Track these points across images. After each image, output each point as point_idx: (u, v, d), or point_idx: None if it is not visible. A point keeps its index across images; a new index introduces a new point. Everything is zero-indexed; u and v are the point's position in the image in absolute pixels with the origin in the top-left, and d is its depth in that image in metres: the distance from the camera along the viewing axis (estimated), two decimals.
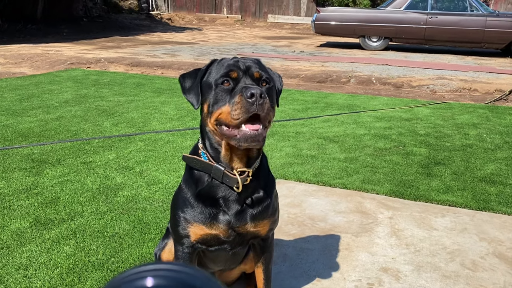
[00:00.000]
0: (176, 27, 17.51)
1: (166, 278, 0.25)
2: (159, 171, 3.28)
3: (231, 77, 1.40)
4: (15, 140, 3.88)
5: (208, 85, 1.45)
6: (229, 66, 1.43)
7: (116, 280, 0.27)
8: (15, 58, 8.66)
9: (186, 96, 1.52)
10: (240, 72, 1.41)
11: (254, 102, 1.30)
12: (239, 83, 1.39)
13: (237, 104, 1.32)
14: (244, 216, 1.52)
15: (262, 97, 1.31)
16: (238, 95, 1.33)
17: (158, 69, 7.91)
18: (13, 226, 2.45)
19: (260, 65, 1.50)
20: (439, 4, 11.05)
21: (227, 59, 1.50)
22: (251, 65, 1.45)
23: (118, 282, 0.26)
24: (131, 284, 0.25)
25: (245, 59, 1.49)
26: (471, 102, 6.03)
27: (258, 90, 1.31)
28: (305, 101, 5.76)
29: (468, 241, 2.39)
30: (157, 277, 0.25)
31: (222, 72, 1.42)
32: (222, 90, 1.39)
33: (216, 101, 1.40)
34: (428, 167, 3.48)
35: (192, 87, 1.50)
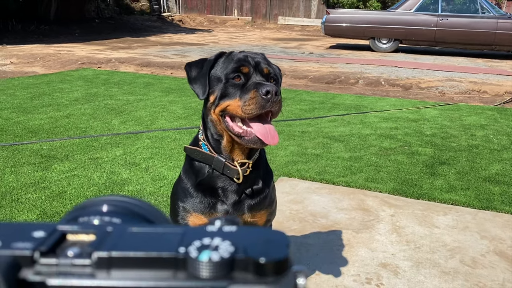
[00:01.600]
0: (186, 28, 17.64)
1: (116, 206, 0.29)
2: (164, 168, 3.32)
3: (242, 72, 1.43)
4: (25, 136, 3.96)
5: (217, 78, 1.46)
6: (240, 61, 1.44)
7: (78, 205, 0.31)
8: (28, 57, 8.81)
9: (192, 86, 1.53)
10: (251, 68, 1.44)
11: (269, 99, 1.34)
12: (250, 79, 1.42)
13: (252, 100, 1.35)
14: (242, 206, 1.55)
15: (277, 95, 1.35)
16: (253, 91, 1.36)
17: (167, 70, 7.99)
18: (21, 218, 2.51)
19: (266, 60, 1.53)
20: (450, 6, 10.99)
21: (235, 52, 1.52)
22: (260, 61, 1.48)
23: (79, 206, 0.30)
24: (92, 208, 0.29)
25: (253, 53, 1.52)
26: (480, 104, 5.99)
27: (273, 88, 1.35)
28: (312, 102, 5.77)
29: (469, 239, 2.39)
30: (110, 205, 0.29)
31: (233, 66, 1.43)
32: (232, 84, 1.42)
33: (225, 94, 1.42)
34: (433, 167, 3.48)
35: (199, 77, 1.51)
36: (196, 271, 0.23)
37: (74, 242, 0.25)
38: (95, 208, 0.30)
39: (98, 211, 0.29)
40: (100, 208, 0.29)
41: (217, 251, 0.23)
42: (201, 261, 0.23)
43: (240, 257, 0.23)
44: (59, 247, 0.25)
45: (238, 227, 0.26)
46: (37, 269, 0.23)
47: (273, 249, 0.24)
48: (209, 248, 0.24)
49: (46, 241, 0.24)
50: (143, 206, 0.31)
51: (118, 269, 0.23)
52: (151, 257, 0.23)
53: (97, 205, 0.30)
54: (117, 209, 0.29)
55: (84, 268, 0.23)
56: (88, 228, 0.26)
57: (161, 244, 0.24)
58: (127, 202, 0.30)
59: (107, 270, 0.23)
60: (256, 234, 0.26)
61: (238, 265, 0.23)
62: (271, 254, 0.24)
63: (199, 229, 0.26)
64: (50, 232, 0.25)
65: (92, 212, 0.29)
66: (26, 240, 0.24)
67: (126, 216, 0.29)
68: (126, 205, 0.30)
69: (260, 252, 0.24)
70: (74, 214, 0.30)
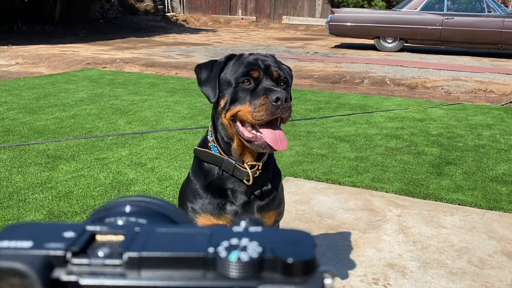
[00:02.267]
0: (191, 28, 17.66)
1: (141, 206, 0.30)
2: (170, 168, 3.33)
3: (252, 77, 1.43)
4: (31, 137, 3.98)
5: (227, 82, 1.46)
6: (250, 65, 1.44)
7: (102, 206, 0.31)
8: (33, 58, 8.85)
9: (202, 88, 1.53)
10: (261, 72, 1.44)
11: (279, 106, 1.34)
12: (260, 84, 1.42)
13: (261, 106, 1.35)
14: (251, 207, 1.55)
15: (287, 101, 1.35)
16: (263, 97, 1.36)
17: (172, 70, 8.00)
18: (28, 218, 2.52)
19: (277, 62, 1.53)
20: (456, 5, 10.94)
21: (245, 55, 1.51)
22: (270, 64, 1.47)
23: (104, 207, 0.31)
24: (117, 209, 0.29)
25: (262, 56, 1.52)
26: (486, 104, 5.97)
27: (284, 94, 1.35)
28: (317, 101, 5.77)
29: (476, 239, 2.38)
30: (134, 205, 0.30)
31: (242, 70, 1.43)
32: (242, 89, 1.42)
33: (235, 99, 1.42)
34: (439, 167, 3.47)
35: (209, 80, 1.51)
36: (226, 271, 0.23)
37: (103, 243, 0.26)
38: (120, 208, 0.30)
39: (123, 212, 0.29)
40: (124, 209, 0.30)
41: (245, 251, 0.24)
42: (231, 261, 0.23)
43: (268, 257, 0.24)
44: (89, 247, 0.25)
45: (263, 228, 0.26)
46: (69, 269, 0.24)
47: (300, 249, 0.24)
48: (237, 248, 0.24)
49: (77, 242, 0.25)
50: (166, 206, 0.31)
51: (148, 269, 0.24)
52: (181, 257, 0.24)
53: (121, 205, 0.30)
54: (142, 210, 0.30)
55: (115, 268, 0.24)
56: (116, 229, 0.26)
57: (190, 244, 0.25)
58: (151, 202, 0.31)
59: (137, 270, 0.24)
60: (282, 234, 0.26)
61: (266, 265, 0.23)
62: (298, 254, 0.24)
63: (225, 229, 0.26)
64: (79, 232, 0.26)
65: (118, 212, 0.29)
66: (58, 240, 0.24)
67: (151, 216, 0.29)
68: (150, 206, 0.30)
69: (288, 252, 0.24)
70: (99, 214, 0.30)
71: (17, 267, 0.21)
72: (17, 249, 0.23)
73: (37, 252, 0.23)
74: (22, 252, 0.23)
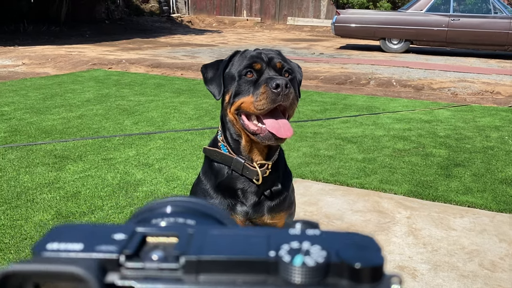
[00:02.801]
0: (196, 29, 17.68)
1: (180, 206, 0.29)
2: (177, 168, 3.32)
3: (255, 69, 1.42)
4: (38, 137, 3.99)
5: (231, 76, 1.46)
6: (252, 58, 1.44)
7: (143, 207, 0.30)
8: (40, 58, 8.88)
9: (208, 87, 1.54)
10: (263, 64, 1.43)
11: (280, 92, 1.32)
12: (263, 75, 1.42)
13: (262, 95, 1.34)
14: (262, 207, 1.54)
15: (288, 87, 1.33)
16: (263, 86, 1.35)
17: (178, 71, 8.00)
18: (36, 218, 2.52)
19: (282, 56, 1.52)
20: (462, 6, 10.89)
21: (249, 50, 1.52)
22: (273, 56, 1.47)
23: (144, 209, 0.29)
24: (154, 211, 0.28)
25: (266, 50, 1.51)
26: (493, 105, 5.93)
27: (284, 80, 1.33)
28: (323, 103, 5.75)
29: (487, 242, 2.36)
30: (173, 205, 0.29)
31: (245, 63, 1.43)
32: (245, 81, 1.42)
33: (238, 91, 1.42)
34: (448, 169, 3.44)
35: (214, 78, 1.52)
36: (289, 276, 0.22)
37: (155, 245, 0.24)
38: (163, 209, 0.29)
39: (169, 213, 0.28)
40: (169, 210, 0.28)
41: (309, 256, 0.22)
42: (295, 266, 0.22)
43: (335, 262, 0.22)
44: (141, 250, 0.24)
45: (321, 231, 0.25)
46: (123, 273, 0.22)
47: (367, 254, 0.23)
48: (300, 252, 0.23)
49: (129, 244, 0.23)
50: (210, 206, 0.30)
51: (207, 273, 0.22)
52: (241, 261, 0.22)
53: (164, 206, 0.29)
54: (187, 210, 0.28)
55: (172, 273, 0.22)
56: (168, 230, 0.25)
57: (248, 247, 0.23)
58: (194, 202, 0.29)
59: (195, 274, 0.22)
60: (343, 238, 0.24)
61: (332, 270, 0.22)
62: (366, 259, 0.22)
63: (281, 232, 0.25)
64: (130, 234, 0.24)
65: (163, 213, 0.28)
66: (109, 243, 0.23)
67: (197, 217, 0.28)
68: (194, 206, 0.29)
69: (355, 257, 0.23)
70: (143, 216, 0.29)
71: (75, 272, 0.20)
72: (68, 252, 0.22)
73: (88, 255, 0.22)
74: (74, 255, 0.22)
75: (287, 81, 1.34)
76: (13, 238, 2.31)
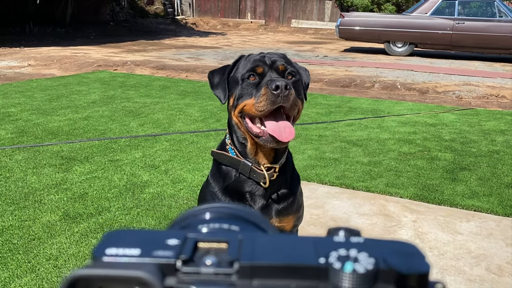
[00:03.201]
0: (200, 31, 17.73)
1: (221, 212, 0.29)
2: (183, 170, 3.34)
3: (257, 72, 1.44)
4: (45, 138, 4.01)
5: (235, 80, 1.49)
6: (255, 62, 1.46)
7: (184, 214, 0.31)
8: (45, 60, 8.92)
9: (214, 91, 1.57)
10: (266, 67, 1.45)
11: (279, 94, 1.33)
12: (265, 77, 1.43)
13: (263, 96, 1.35)
14: (270, 211, 1.55)
15: (287, 88, 1.34)
16: (264, 88, 1.37)
17: (182, 73, 8.03)
18: (44, 219, 2.53)
19: (286, 59, 1.53)
20: (466, 10, 10.88)
21: (254, 54, 1.53)
22: (276, 59, 1.48)
23: (186, 215, 0.30)
24: (196, 217, 0.29)
25: (271, 53, 1.53)
26: (498, 109, 5.92)
27: (283, 82, 1.34)
28: (328, 105, 5.76)
29: (494, 246, 2.36)
30: (214, 212, 0.29)
31: (248, 67, 1.45)
32: (248, 84, 1.43)
33: (241, 94, 1.44)
34: (453, 172, 3.44)
35: (220, 83, 1.55)
36: (339, 282, 0.23)
37: (207, 250, 0.25)
38: (204, 216, 0.30)
39: (212, 218, 0.29)
40: (211, 216, 0.29)
41: (358, 263, 0.23)
42: (346, 273, 0.23)
43: (383, 269, 0.23)
44: (195, 255, 0.25)
45: (364, 238, 0.26)
46: (180, 277, 0.23)
47: (413, 261, 0.24)
48: (349, 259, 0.23)
49: (184, 249, 0.24)
50: (249, 211, 0.31)
51: (260, 279, 0.23)
52: (293, 267, 0.23)
53: (204, 213, 0.30)
54: (228, 216, 0.29)
55: (226, 277, 0.23)
56: (218, 236, 0.26)
57: (298, 254, 0.24)
58: (234, 208, 0.30)
59: (249, 279, 0.23)
60: (388, 245, 0.25)
61: (380, 277, 0.23)
62: (413, 266, 0.23)
63: (326, 239, 0.26)
64: (182, 240, 0.25)
65: (206, 220, 0.29)
66: (164, 248, 0.24)
67: (240, 223, 0.29)
68: (235, 212, 0.30)
69: (402, 264, 0.23)
70: (186, 222, 0.30)
71: (141, 276, 0.21)
72: (127, 257, 0.23)
73: (146, 260, 0.23)
74: (135, 260, 0.23)
75: (287, 82, 1.35)
76: (21, 239, 2.32)
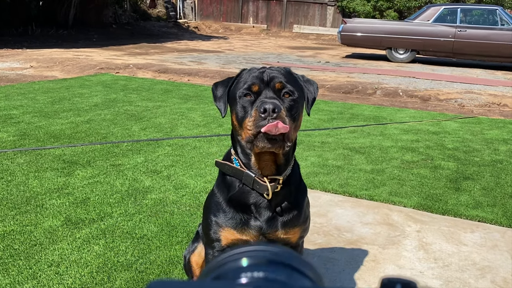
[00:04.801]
0: (202, 35, 17.75)
1: (257, 257, 0.27)
2: (186, 176, 3.32)
3: (252, 91, 1.44)
4: (47, 141, 3.99)
5: (233, 97, 1.49)
6: (252, 79, 1.46)
7: (214, 262, 0.29)
8: (47, 62, 8.92)
9: (216, 104, 1.59)
10: (262, 85, 1.44)
11: (266, 117, 1.32)
12: (260, 96, 1.43)
13: (251, 118, 1.36)
14: (275, 222, 1.53)
15: (275, 111, 1.32)
16: (254, 110, 1.37)
17: (185, 76, 8.02)
18: (46, 224, 2.52)
19: (287, 75, 1.50)
20: (468, 17, 10.91)
21: (254, 69, 1.52)
22: (275, 76, 1.46)
23: (216, 265, 0.28)
24: (228, 265, 0.27)
25: (272, 69, 1.51)
26: (501, 117, 5.91)
27: (271, 105, 1.33)
28: (330, 112, 5.75)
29: (499, 258, 2.34)
30: (250, 257, 0.27)
31: (245, 86, 1.45)
32: (245, 102, 1.44)
33: (240, 112, 1.44)
34: (457, 182, 3.43)
35: (222, 96, 1.56)
36: None
37: None
38: (240, 262, 0.28)
39: (251, 265, 0.27)
40: (252, 261, 0.27)
41: None
42: None
43: None
44: None
45: None
46: None
47: None
48: None
49: None
50: (291, 255, 0.29)
51: None
52: None
53: (239, 258, 0.28)
54: (268, 262, 0.27)
55: None
56: None
57: None
58: (275, 253, 0.28)
59: None
60: None
61: None
62: None
63: None
64: None
65: (244, 267, 0.27)
66: None
67: (290, 272, 0.27)
68: (275, 258, 0.28)
69: None
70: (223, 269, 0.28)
71: None
72: None
73: None
74: None
75: (276, 105, 1.33)
76: (23, 244, 2.30)
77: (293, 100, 1.45)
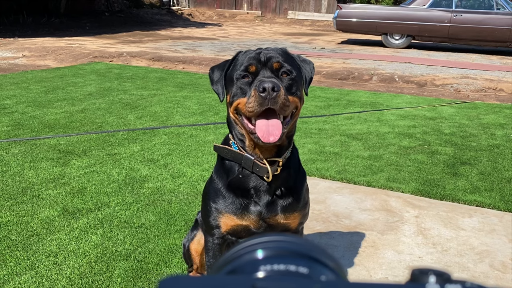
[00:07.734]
0: (196, 22, 17.58)
1: (273, 249, 0.26)
2: (183, 164, 3.30)
3: (250, 71, 1.43)
4: (41, 131, 3.95)
5: (230, 79, 1.48)
6: (249, 60, 1.45)
7: (227, 255, 0.27)
8: (40, 51, 8.80)
9: (214, 88, 1.57)
10: (259, 65, 1.43)
11: (266, 96, 1.31)
12: (258, 76, 1.41)
13: (251, 98, 1.35)
14: (275, 207, 1.52)
15: (275, 90, 1.31)
16: (253, 89, 1.36)
17: (179, 64, 7.96)
18: (42, 215, 2.50)
19: (284, 55, 1.49)
20: (464, 2, 10.85)
21: (250, 51, 1.51)
22: (272, 56, 1.45)
23: (229, 257, 0.27)
24: (243, 258, 0.25)
25: (268, 49, 1.49)
26: (496, 102, 5.91)
27: (270, 84, 1.32)
28: (327, 98, 5.72)
29: (497, 242, 2.35)
30: (266, 248, 0.26)
31: (242, 67, 1.44)
32: (242, 83, 1.43)
33: (236, 93, 1.43)
34: (454, 167, 3.43)
35: (219, 80, 1.55)
36: None
37: None
38: (255, 254, 0.26)
39: (273, 257, 0.25)
40: (270, 253, 0.26)
41: None
42: None
43: None
44: None
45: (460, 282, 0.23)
46: None
47: None
48: None
49: None
50: (313, 247, 0.27)
51: None
52: None
53: (254, 250, 0.26)
54: (289, 254, 0.26)
55: None
56: (293, 285, 0.22)
57: None
58: (294, 242, 0.27)
59: None
60: None
61: None
62: None
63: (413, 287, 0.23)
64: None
65: (266, 259, 0.25)
66: None
67: (307, 262, 0.25)
68: (295, 248, 0.26)
69: None
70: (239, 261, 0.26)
71: None
72: None
73: None
74: None
75: (275, 84, 1.32)
76: (20, 235, 2.28)
77: (292, 79, 1.44)
